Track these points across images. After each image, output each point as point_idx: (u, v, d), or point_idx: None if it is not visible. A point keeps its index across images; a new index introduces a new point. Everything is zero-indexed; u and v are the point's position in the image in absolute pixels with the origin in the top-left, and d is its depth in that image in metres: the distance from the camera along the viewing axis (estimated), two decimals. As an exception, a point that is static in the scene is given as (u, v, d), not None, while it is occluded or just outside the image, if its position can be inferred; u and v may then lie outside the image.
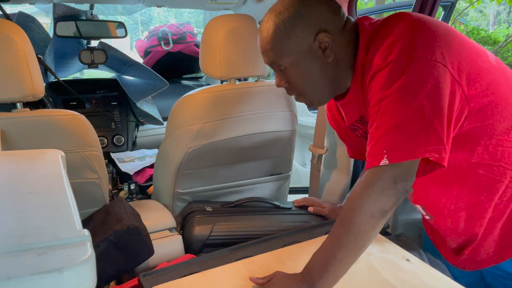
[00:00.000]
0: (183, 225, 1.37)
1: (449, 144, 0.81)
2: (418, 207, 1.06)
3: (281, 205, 1.40)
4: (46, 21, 2.62)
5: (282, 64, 0.92)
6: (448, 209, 0.97)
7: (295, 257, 1.03)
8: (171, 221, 1.35)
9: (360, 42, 0.90)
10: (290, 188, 1.77)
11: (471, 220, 0.96)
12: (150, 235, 1.17)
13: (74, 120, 1.17)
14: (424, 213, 1.05)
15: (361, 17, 0.96)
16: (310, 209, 1.35)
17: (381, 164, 0.78)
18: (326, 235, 1.13)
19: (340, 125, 1.17)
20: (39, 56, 1.69)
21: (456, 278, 0.95)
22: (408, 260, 1.00)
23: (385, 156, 0.78)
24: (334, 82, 0.95)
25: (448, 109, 0.80)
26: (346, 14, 0.94)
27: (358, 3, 1.69)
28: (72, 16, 2.02)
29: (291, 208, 1.41)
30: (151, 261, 1.18)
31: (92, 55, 1.94)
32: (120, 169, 1.97)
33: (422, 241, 1.34)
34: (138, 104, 2.02)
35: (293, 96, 1.52)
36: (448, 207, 0.97)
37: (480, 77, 0.84)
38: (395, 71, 0.80)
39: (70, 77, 2.31)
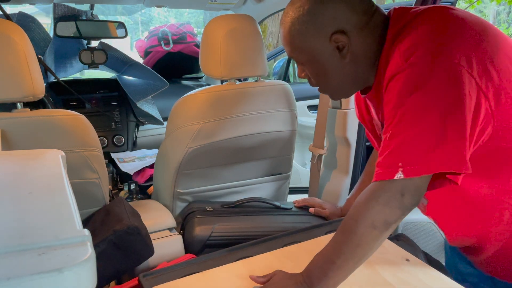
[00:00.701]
0: (183, 225, 1.37)
1: (467, 161, 0.74)
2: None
3: (281, 206, 1.40)
4: (46, 21, 2.62)
5: (300, 59, 0.90)
6: (459, 232, 0.94)
7: (295, 257, 1.03)
8: (171, 221, 1.35)
9: (387, 37, 0.83)
10: (290, 188, 1.77)
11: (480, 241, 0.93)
12: (150, 235, 1.17)
13: (74, 120, 1.17)
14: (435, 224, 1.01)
15: (396, 8, 0.88)
16: (311, 210, 1.35)
17: (395, 178, 0.73)
18: (326, 235, 1.14)
19: (364, 118, 1.11)
20: (39, 56, 1.69)
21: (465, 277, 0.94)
22: (408, 260, 1.00)
23: (400, 169, 0.73)
24: (354, 79, 0.90)
25: (471, 124, 0.73)
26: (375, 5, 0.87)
27: None
28: (72, 16, 2.02)
29: (291, 208, 1.41)
30: (151, 261, 1.18)
31: (92, 55, 1.94)
32: (120, 169, 1.97)
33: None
34: (138, 104, 2.02)
35: (293, 96, 1.54)
36: (460, 230, 0.93)
37: None
38: (416, 76, 0.74)
39: (70, 77, 2.31)
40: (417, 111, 0.73)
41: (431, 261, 1.05)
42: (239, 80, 1.83)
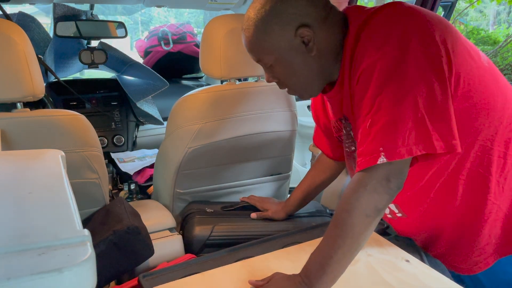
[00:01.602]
0: (183, 225, 1.37)
1: (451, 140, 0.78)
2: (392, 206, 1.02)
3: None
4: (46, 21, 2.62)
5: (267, 61, 0.91)
6: (422, 208, 0.96)
7: (295, 258, 1.03)
8: (171, 221, 1.35)
9: (350, 31, 0.86)
10: (290, 188, 1.77)
11: (438, 218, 0.96)
12: (150, 235, 1.17)
13: (74, 120, 1.17)
14: (396, 211, 1.02)
15: (350, 6, 0.93)
16: (253, 215, 1.31)
17: (378, 162, 0.76)
18: (326, 236, 1.14)
19: (319, 120, 1.13)
20: (39, 56, 1.69)
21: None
22: (407, 261, 0.99)
23: (382, 153, 0.75)
24: (320, 74, 0.92)
25: (448, 104, 0.77)
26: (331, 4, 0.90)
27: (358, 3, 1.69)
28: (72, 16, 2.02)
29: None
30: (151, 261, 1.18)
31: (92, 55, 1.94)
32: (120, 169, 1.97)
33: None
34: (138, 104, 2.02)
35: (293, 96, 1.54)
36: (423, 206, 0.96)
37: (469, 76, 0.82)
38: (389, 64, 0.77)
39: (70, 77, 2.31)
40: (394, 96, 0.76)
41: (431, 261, 1.05)
42: (239, 80, 1.83)
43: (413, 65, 0.76)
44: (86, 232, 0.39)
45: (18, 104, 1.12)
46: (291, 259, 1.02)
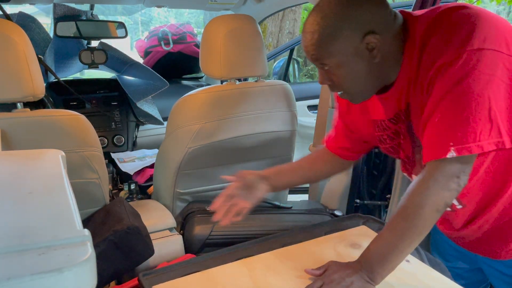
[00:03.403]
0: (183, 225, 1.38)
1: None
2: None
3: (281, 205, 1.40)
4: (46, 21, 2.62)
5: (327, 64, 0.91)
6: (479, 196, 0.96)
7: (295, 257, 1.03)
8: (171, 221, 1.35)
9: (415, 35, 0.87)
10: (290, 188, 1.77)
11: (491, 203, 0.96)
12: (150, 235, 1.17)
13: (75, 120, 1.17)
14: (456, 203, 1.00)
15: (404, 10, 0.94)
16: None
17: (448, 156, 0.78)
18: (326, 236, 1.14)
19: (355, 120, 1.10)
20: (40, 56, 1.69)
21: (457, 278, 0.95)
22: (407, 261, 0.99)
23: (452, 148, 0.78)
24: (379, 79, 0.93)
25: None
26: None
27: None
28: (72, 16, 2.02)
29: (291, 207, 1.41)
30: (151, 261, 1.18)
31: (92, 55, 1.94)
32: (120, 169, 1.97)
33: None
34: (138, 104, 2.02)
35: (293, 96, 1.54)
36: (479, 194, 0.96)
37: None
38: (464, 64, 0.78)
39: (70, 77, 2.31)
40: (468, 94, 0.78)
41: (431, 261, 1.05)
42: (239, 80, 1.83)
43: (486, 67, 0.78)
44: (86, 232, 0.39)
45: (18, 104, 1.12)
46: (291, 258, 1.03)
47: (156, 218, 1.36)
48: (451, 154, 0.78)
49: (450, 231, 1.09)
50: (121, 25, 2.05)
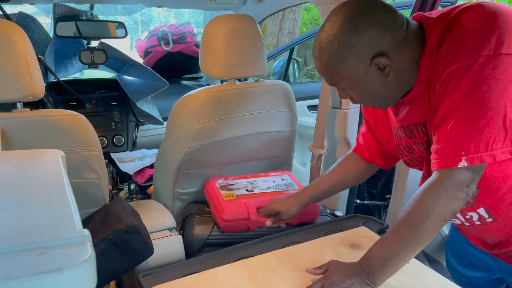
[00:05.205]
0: (183, 225, 1.38)
1: None
2: (481, 210, 0.94)
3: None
4: (46, 21, 2.62)
5: (341, 86, 0.91)
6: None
7: (294, 258, 1.03)
8: (171, 221, 1.35)
9: (431, 37, 0.84)
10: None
11: None
12: (150, 235, 1.17)
13: (74, 120, 1.17)
14: (486, 216, 0.94)
15: (419, 14, 0.90)
16: (268, 223, 1.22)
17: (459, 166, 0.77)
18: (325, 236, 1.14)
19: (379, 124, 1.10)
20: (39, 56, 1.69)
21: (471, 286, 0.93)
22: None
23: (464, 157, 0.76)
24: (399, 89, 0.91)
25: None
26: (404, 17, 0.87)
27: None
28: (72, 16, 2.02)
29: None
30: (151, 261, 1.18)
31: (92, 55, 1.94)
32: (120, 169, 1.97)
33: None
34: (138, 104, 2.02)
35: (293, 96, 1.54)
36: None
37: None
38: (480, 70, 0.75)
39: (70, 77, 2.31)
40: (480, 103, 0.75)
41: (431, 262, 1.05)
42: (239, 80, 1.83)
43: (502, 74, 0.75)
44: (86, 232, 0.39)
45: (18, 104, 1.12)
46: (290, 259, 1.03)
47: (156, 218, 1.36)
48: (462, 163, 0.77)
49: (484, 248, 1.04)
50: (121, 25, 2.05)
